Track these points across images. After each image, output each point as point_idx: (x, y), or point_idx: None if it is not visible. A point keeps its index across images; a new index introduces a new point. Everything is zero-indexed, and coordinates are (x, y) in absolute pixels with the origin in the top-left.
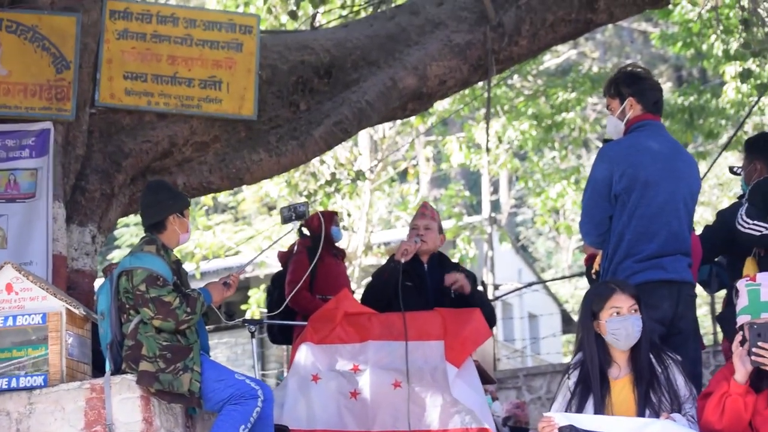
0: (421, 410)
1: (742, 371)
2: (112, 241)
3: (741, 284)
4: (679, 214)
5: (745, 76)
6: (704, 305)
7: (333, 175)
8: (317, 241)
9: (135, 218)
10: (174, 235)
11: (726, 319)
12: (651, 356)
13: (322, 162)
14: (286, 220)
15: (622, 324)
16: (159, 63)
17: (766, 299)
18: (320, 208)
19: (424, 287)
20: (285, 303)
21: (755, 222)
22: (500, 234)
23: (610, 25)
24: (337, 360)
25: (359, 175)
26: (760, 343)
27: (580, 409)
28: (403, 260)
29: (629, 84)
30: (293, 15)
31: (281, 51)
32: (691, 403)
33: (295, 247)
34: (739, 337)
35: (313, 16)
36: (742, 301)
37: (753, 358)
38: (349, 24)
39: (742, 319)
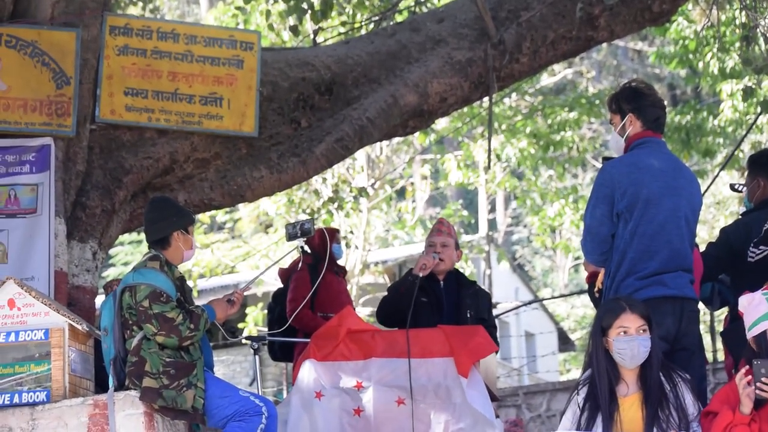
0: (425, 427)
1: (747, 405)
2: (108, 259)
3: (744, 299)
4: (681, 231)
5: (747, 93)
6: (702, 322)
7: (335, 192)
8: (319, 259)
9: (130, 237)
10: (178, 251)
11: (730, 335)
12: (660, 374)
13: (324, 180)
14: (291, 237)
15: (628, 344)
16: (160, 79)
17: None
18: (321, 226)
19: (440, 305)
20: (288, 322)
21: (751, 248)
22: (498, 253)
23: (605, 45)
24: (340, 377)
25: (362, 193)
26: (764, 379)
27: (589, 426)
28: (421, 274)
29: (630, 100)
30: (294, 30)
31: (282, 68)
32: (699, 422)
33: (299, 264)
34: (743, 373)
35: (315, 32)
36: (760, 309)
37: (758, 392)
38: (350, 41)
39: (760, 327)
